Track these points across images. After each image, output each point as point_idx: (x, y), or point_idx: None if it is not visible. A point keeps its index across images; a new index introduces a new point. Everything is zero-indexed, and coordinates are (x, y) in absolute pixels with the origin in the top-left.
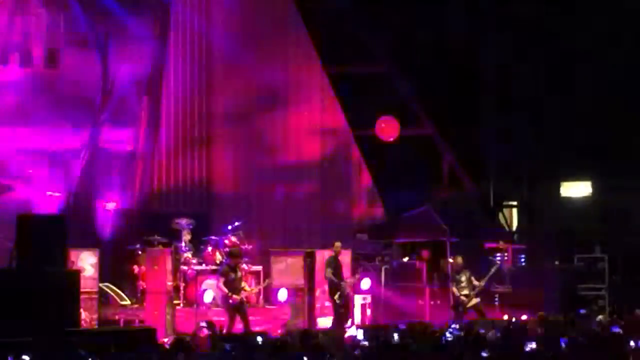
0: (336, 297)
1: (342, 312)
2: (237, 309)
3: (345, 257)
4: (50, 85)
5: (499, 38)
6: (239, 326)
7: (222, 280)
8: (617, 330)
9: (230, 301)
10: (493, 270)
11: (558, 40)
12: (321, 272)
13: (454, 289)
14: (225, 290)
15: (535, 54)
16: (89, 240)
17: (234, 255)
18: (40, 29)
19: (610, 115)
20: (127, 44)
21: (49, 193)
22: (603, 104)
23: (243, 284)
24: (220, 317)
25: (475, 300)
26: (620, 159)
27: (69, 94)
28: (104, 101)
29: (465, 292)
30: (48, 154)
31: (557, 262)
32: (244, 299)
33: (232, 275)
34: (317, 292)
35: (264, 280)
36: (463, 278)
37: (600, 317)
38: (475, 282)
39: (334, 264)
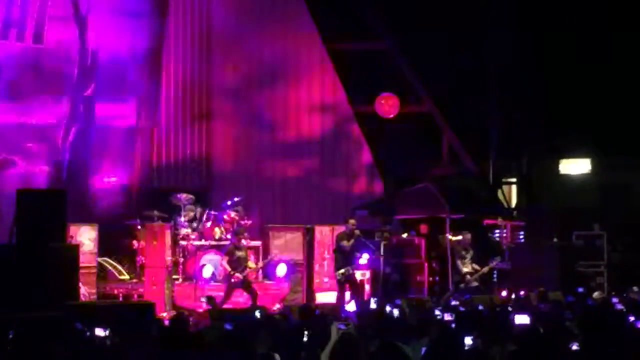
0: (339, 272)
1: (343, 288)
2: (241, 286)
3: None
4: (37, 61)
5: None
6: (235, 300)
7: (226, 258)
8: (621, 307)
9: (232, 280)
10: (495, 262)
11: (559, 16)
12: (320, 247)
13: (459, 264)
14: (228, 268)
15: (536, 30)
16: (84, 215)
17: (239, 234)
18: (33, 4)
19: (610, 92)
20: (123, 19)
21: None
22: (603, 81)
23: (249, 262)
24: (219, 292)
25: (476, 283)
26: (619, 136)
27: (53, 70)
28: (85, 76)
29: (468, 269)
30: (39, 128)
31: (555, 239)
32: (246, 276)
33: (238, 253)
34: (316, 267)
35: (267, 257)
36: (468, 256)
37: (595, 293)
38: (477, 267)
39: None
